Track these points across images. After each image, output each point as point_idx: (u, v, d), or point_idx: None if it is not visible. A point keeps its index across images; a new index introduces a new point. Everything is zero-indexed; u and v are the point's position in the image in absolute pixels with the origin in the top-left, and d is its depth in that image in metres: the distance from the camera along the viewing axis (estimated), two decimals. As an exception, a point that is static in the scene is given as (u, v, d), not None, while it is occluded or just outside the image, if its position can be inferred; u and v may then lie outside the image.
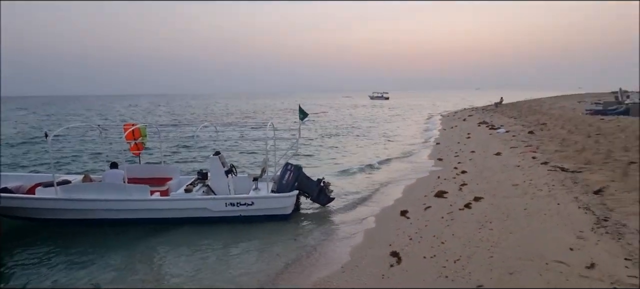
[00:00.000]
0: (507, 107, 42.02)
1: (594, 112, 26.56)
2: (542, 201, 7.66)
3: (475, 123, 26.53)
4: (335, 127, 29.96)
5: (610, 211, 6.72)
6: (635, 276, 4.32)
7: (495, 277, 4.68)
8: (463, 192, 8.94)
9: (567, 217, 6.60)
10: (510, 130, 20.59)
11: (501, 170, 11.01)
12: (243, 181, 9.55)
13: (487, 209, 7.49)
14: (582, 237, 5.63)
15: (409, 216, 7.68)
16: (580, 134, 16.72)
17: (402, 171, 12.94)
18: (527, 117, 27.70)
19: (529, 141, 16.31)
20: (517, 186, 9.02)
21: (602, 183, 8.57)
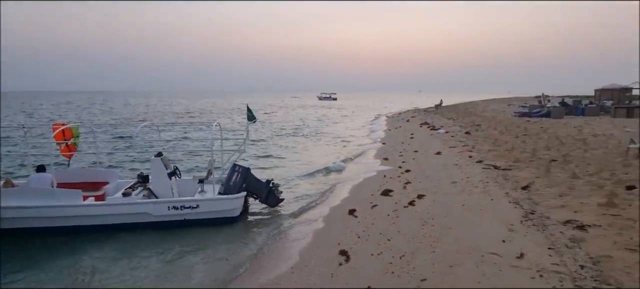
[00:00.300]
0: (446, 109, 44.54)
1: (521, 115, 29.02)
2: (477, 197, 8.21)
3: (417, 124, 27.82)
4: (285, 128, 29.86)
5: (536, 205, 7.38)
6: (557, 263, 4.77)
7: (437, 271, 4.93)
8: (407, 191, 9.32)
9: (500, 211, 7.14)
10: (449, 131, 21.85)
11: (441, 169, 11.63)
12: (188, 183, 9.18)
13: (430, 206, 7.88)
14: (513, 229, 6.11)
15: (356, 215, 7.85)
16: (509, 135, 18.18)
17: (350, 171, 13.21)
18: (464, 119, 29.58)
19: (466, 141, 17.42)
20: (455, 184, 9.59)
21: (529, 180, 9.38)
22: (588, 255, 4.97)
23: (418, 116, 36.39)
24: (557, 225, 6.17)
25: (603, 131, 17.30)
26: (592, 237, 5.57)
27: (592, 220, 6.24)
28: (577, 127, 19.14)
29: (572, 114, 27.49)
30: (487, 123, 24.59)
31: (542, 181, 9.21)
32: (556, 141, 15.13)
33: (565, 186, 8.53)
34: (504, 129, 20.73)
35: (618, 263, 4.66)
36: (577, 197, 7.65)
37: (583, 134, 16.66)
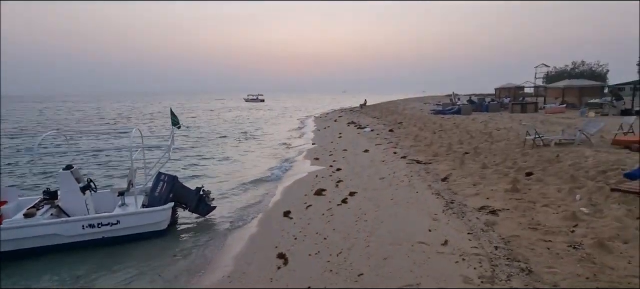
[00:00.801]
0: (370, 108, 46.64)
1: (436, 112, 31.48)
2: (404, 191, 8.77)
3: (345, 123, 28.74)
4: (213, 132, 28.79)
5: (455, 195, 8.10)
6: (476, 247, 5.30)
7: (372, 264, 5.17)
8: (339, 189, 9.61)
9: (424, 203, 7.71)
10: (375, 129, 22.94)
11: (370, 165, 12.18)
12: (105, 197, 8.41)
13: (361, 202, 8.22)
14: (437, 219, 6.65)
15: (292, 217, 7.89)
16: (428, 131, 19.65)
17: (283, 173, 13.20)
18: (387, 117, 31.25)
19: (390, 138, 18.44)
20: (383, 179, 10.11)
21: (447, 172, 10.25)
22: (500, 236, 5.59)
23: (345, 116, 37.59)
24: (473, 211, 6.84)
25: (504, 125, 19.50)
26: (502, 220, 6.28)
27: (501, 205, 7.03)
28: (483, 122, 21.31)
29: (479, 111, 30.53)
30: (408, 121, 26.26)
31: (458, 172, 10.12)
32: (467, 135, 16.70)
33: (478, 176, 9.48)
34: (422, 126, 22.32)
35: (524, 241, 5.32)
36: (488, 185, 8.56)
37: (488, 128, 18.60)
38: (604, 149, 11.02)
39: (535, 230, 5.70)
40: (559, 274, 4.34)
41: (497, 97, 44.02)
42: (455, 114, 28.46)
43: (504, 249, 5.14)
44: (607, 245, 4.88)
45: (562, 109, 27.75)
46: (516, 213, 6.53)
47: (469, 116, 26.93)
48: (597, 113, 22.97)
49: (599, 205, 6.50)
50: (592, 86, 33.02)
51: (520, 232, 5.68)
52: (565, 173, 8.75)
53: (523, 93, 45.81)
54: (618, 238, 5.13)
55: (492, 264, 4.74)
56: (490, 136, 15.82)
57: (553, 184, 8.04)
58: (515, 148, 12.58)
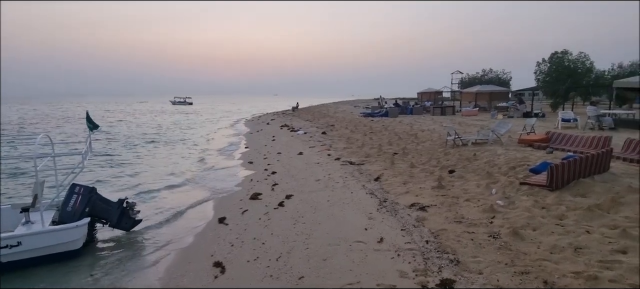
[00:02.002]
0: (303, 111, 46.99)
1: (366, 115, 32.73)
2: (339, 192, 8.96)
3: (278, 126, 28.60)
4: (136, 137, 26.78)
5: (387, 194, 8.47)
6: (409, 242, 5.59)
7: (312, 266, 5.19)
8: (275, 192, 9.52)
9: (359, 202, 7.95)
10: (308, 131, 23.16)
11: (305, 168, 12.26)
12: (5, 214, 7.32)
13: (298, 205, 8.22)
14: (372, 217, 6.89)
15: (227, 223, 7.63)
16: (359, 133, 20.33)
17: (216, 178, 12.72)
18: (319, 120, 31.74)
19: (324, 140, 18.75)
20: (319, 181, 10.24)
21: (379, 172, 10.69)
22: (430, 231, 5.97)
23: (277, 119, 37.42)
24: (405, 209, 7.21)
25: (427, 127, 20.91)
26: (430, 215, 6.71)
27: (429, 201, 7.51)
28: (409, 124, 22.63)
29: (404, 114, 32.36)
30: (340, 123, 26.93)
31: (389, 172, 10.61)
32: (396, 137, 17.61)
33: (407, 175, 10.03)
34: (354, 128, 23.05)
35: (451, 234, 5.73)
36: (417, 183, 9.09)
37: (414, 130, 19.80)
38: (513, 148, 12.33)
39: (460, 223, 6.18)
40: (483, 262, 4.75)
41: (420, 101, 47.12)
42: (383, 117, 29.83)
43: (434, 243, 5.49)
44: (520, 233, 5.45)
45: (475, 112, 30.52)
46: (443, 208, 7.02)
47: (395, 118, 28.40)
48: (504, 115, 25.66)
49: (511, 198, 7.24)
50: (500, 91, 36.86)
51: (448, 225, 6.11)
52: (482, 170, 9.62)
53: (442, 97, 49.65)
54: (528, 226, 5.76)
55: (424, 257, 5.03)
56: (416, 137, 16.84)
57: (473, 180, 8.80)
58: (438, 148, 13.53)
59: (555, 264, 4.55)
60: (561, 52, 32.95)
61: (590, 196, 6.87)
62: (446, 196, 7.78)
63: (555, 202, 6.65)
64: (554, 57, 33.10)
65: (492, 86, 38.98)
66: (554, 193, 7.09)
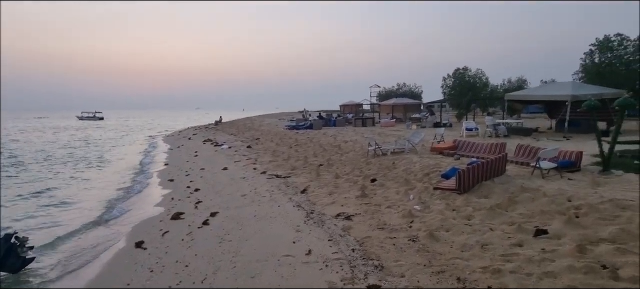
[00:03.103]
0: (226, 125, 45.82)
1: (291, 128, 32.96)
2: (266, 206, 8.87)
3: (200, 141, 27.45)
4: (36, 157, 23.58)
5: (314, 205, 8.60)
6: (336, 252, 5.73)
7: (240, 284, 5.04)
8: (199, 210, 9.09)
9: (287, 215, 7.95)
10: (232, 146, 22.61)
11: (230, 183, 11.92)
12: None
13: (224, 222, 7.95)
14: (299, 230, 6.93)
15: (146, 247, 7.06)
16: (284, 146, 20.41)
17: (131, 200, 11.73)
18: (244, 134, 31.20)
19: (249, 154, 18.45)
20: (245, 196, 10.03)
21: (306, 184, 10.82)
22: (355, 239, 6.18)
23: (200, 133, 35.92)
24: (331, 219, 7.38)
25: (350, 138, 21.73)
26: (356, 224, 6.96)
27: (354, 210, 7.79)
28: (332, 136, 23.30)
29: (328, 126, 33.26)
30: (265, 137, 26.76)
31: (315, 183, 10.80)
32: (320, 149, 18.00)
33: (332, 185, 10.30)
34: (279, 141, 23.06)
35: (375, 241, 6.00)
36: (341, 193, 9.38)
37: (338, 141, 20.45)
38: (426, 156, 13.37)
39: (383, 229, 6.50)
40: (404, 265, 5.05)
41: (343, 113, 48.86)
42: (308, 129, 30.31)
43: (360, 250, 5.70)
44: (435, 235, 5.91)
45: (393, 123, 32.54)
46: (367, 216, 7.33)
47: (320, 130, 29.05)
48: (418, 126, 27.76)
49: (426, 202, 7.84)
50: (413, 103, 39.87)
51: (371, 233, 6.39)
52: (400, 177, 10.26)
53: (363, 109, 52.03)
54: (442, 228, 6.28)
55: (351, 266, 5.19)
56: (340, 149, 17.40)
57: (392, 188, 9.34)
58: (360, 158, 14.13)
59: (466, 261, 5.01)
60: (462, 68, 36.91)
61: (491, 197, 7.71)
62: (369, 204, 8.14)
63: (464, 204, 7.35)
64: (456, 72, 36.89)
65: (406, 99, 42.03)
66: (462, 196, 7.83)
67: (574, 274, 4.36)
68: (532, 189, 7.81)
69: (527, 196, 7.41)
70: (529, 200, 7.22)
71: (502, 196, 7.61)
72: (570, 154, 10.00)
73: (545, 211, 6.58)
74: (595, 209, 6.36)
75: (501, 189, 8.03)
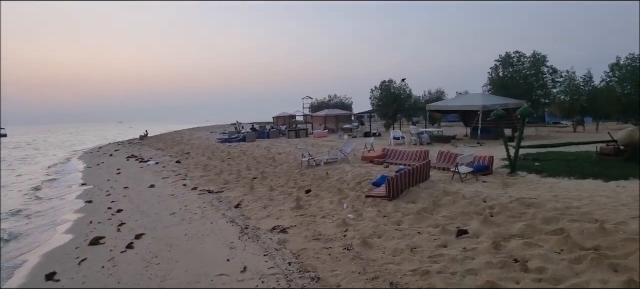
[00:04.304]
0: (153, 139, 43.15)
1: (223, 141, 32.08)
2: (198, 224, 8.48)
3: (123, 157, 25.47)
4: None
5: (248, 219, 8.41)
6: (272, 266, 5.65)
7: (170, 310, 4.73)
8: (122, 233, 8.39)
9: (220, 232, 7.67)
10: (160, 161, 21.33)
11: (157, 202, 11.20)
12: None
13: (151, 244, 7.43)
14: (233, 247, 6.72)
15: (58, 279, 6.32)
16: (217, 160, 19.76)
17: (40, 224, 10.44)
18: (172, 148, 29.62)
19: (178, 170, 17.55)
20: (174, 215, 9.49)
21: (239, 198, 10.56)
22: (291, 252, 6.16)
23: (123, 149, 33.34)
24: (266, 233, 7.28)
25: (284, 150, 21.73)
26: (291, 236, 6.94)
27: (289, 222, 7.77)
28: (266, 148, 23.11)
29: (261, 138, 32.94)
30: (196, 150, 25.68)
31: (249, 197, 10.59)
32: (254, 161, 17.73)
33: (267, 198, 10.18)
34: (211, 155, 22.27)
35: (310, 252, 6.03)
36: (276, 205, 9.31)
37: (271, 153, 20.32)
38: (358, 164, 13.83)
39: (318, 240, 6.57)
40: (340, 274, 5.14)
41: (276, 124, 48.73)
42: (241, 142, 29.71)
43: (296, 263, 5.68)
44: (368, 242, 6.12)
45: (325, 134, 33.21)
46: (302, 228, 7.35)
47: (253, 142, 28.65)
48: (349, 136, 28.66)
49: (359, 210, 8.09)
50: (344, 114, 41.10)
51: (307, 244, 6.42)
52: (334, 187, 10.48)
53: (296, 121, 52.41)
54: (374, 235, 6.51)
55: (288, 279, 5.15)
56: (273, 161, 17.29)
57: (327, 198, 9.49)
58: (295, 169, 14.18)
59: (397, 266, 5.25)
60: (388, 80, 39.10)
61: (418, 201, 8.20)
62: (304, 215, 8.18)
63: (393, 210, 7.72)
64: (382, 85, 38.97)
65: (337, 110, 43.20)
66: (392, 202, 8.22)
67: (492, 269, 4.78)
68: (452, 193, 8.46)
69: (449, 199, 8.00)
70: (450, 203, 7.80)
71: (428, 200, 8.13)
72: (483, 159, 11.03)
73: (465, 212, 7.16)
74: (505, 208, 7.07)
75: (426, 194, 8.58)
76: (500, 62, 30.19)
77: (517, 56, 29.59)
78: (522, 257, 5.05)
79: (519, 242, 5.53)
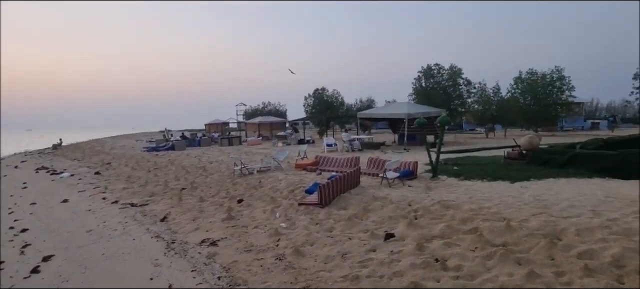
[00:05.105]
0: (68, 149, 39.16)
1: (150, 149, 30.16)
2: (119, 241, 7.84)
3: (32, 170, 22.70)
4: None
5: (175, 234, 7.98)
6: (201, 282, 5.41)
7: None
8: (27, 256, 7.45)
9: (143, 249, 7.17)
10: (76, 173, 19.40)
11: (71, 218, 10.16)
12: None
13: (62, 266, 6.70)
14: (158, 264, 6.32)
15: (-58, 315, 5.44)
16: (142, 170, 18.50)
17: None
18: (91, 158, 27.14)
19: (97, 182, 16.12)
20: (91, 232, 8.67)
21: (166, 211, 9.99)
22: (221, 266, 5.96)
23: (31, 160, 29.70)
24: (195, 247, 6.96)
25: (216, 158, 21.02)
26: (221, 249, 6.72)
27: (220, 234, 7.52)
28: (197, 157, 22.17)
29: (192, 146, 31.55)
30: (118, 161, 23.82)
31: (177, 209, 10.06)
32: (183, 171, 16.90)
33: (196, 210, 9.75)
34: (135, 165, 20.80)
35: (242, 264, 5.89)
36: (207, 217, 8.95)
37: (203, 162, 19.53)
38: (291, 172, 13.85)
39: (250, 252, 6.44)
40: (272, 285, 5.08)
41: (208, 132, 47.03)
42: (169, 151, 28.19)
43: (226, 277, 5.51)
44: (300, 250, 6.14)
45: (259, 141, 32.82)
46: (233, 240, 7.15)
47: (183, 151, 27.33)
48: (284, 143, 28.64)
49: (292, 219, 8.09)
50: (279, 122, 41.04)
51: (238, 256, 6.26)
52: (267, 196, 10.37)
53: (229, 128, 51.10)
54: (307, 243, 6.55)
55: (217, 294, 4.97)
56: (205, 170, 16.64)
57: (259, 207, 9.36)
58: (226, 179, 13.78)
59: (328, 273, 5.33)
60: (321, 88, 39.96)
61: (349, 207, 8.43)
62: (236, 227, 7.97)
63: (325, 217, 7.85)
64: (316, 93, 39.69)
65: (272, 117, 43.01)
66: (324, 209, 8.35)
67: (416, 270, 5.07)
68: (381, 198, 8.83)
69: (377, 204, 8.33)
70: (379, 208, 8.13)
71: (358, 206, 8.39)
72: (409, 164, 11.69)
73: (392, 216, 7.51)
74: (428, 210, 7.55)
75: (357, 200, 8.85)
76: (422, 73, 32.43)
77: (437, 68, 32.05)
78: (442, 256, 5.42)
79: (439, 242, 5.93)
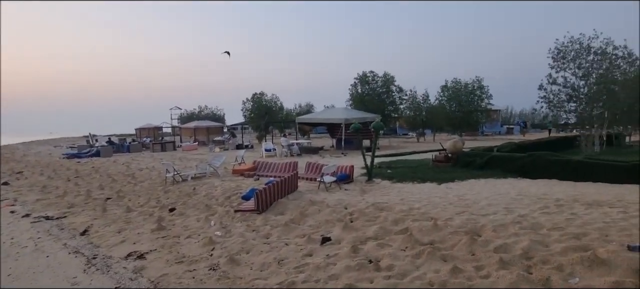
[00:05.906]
0: (-34, 156, 34.28)
1: (71, 156, 27.52)
2: (29, 259, 7.03)
3: None
4: None
5: (98, 248, 7.35)
6: (125, 298, 5.03)
7: None
8: None
9: (59, 267, 6.50)
10: (-25, 184, 17.03)
11: (-31, 237, 8.89)
12: None
13: (-45, 293, 5.83)
14: (76, 283, 5.77)
15: None
16: (60, 179, 16.83)
17: None
18: (-4, 167, 24.03)
19: (5, 194, 14.32)
20: (-5, 251, 7.67)
21: (87, 223, 9.17)
22: (149, 280, 5.59)
23: None
24: (120, 261, 6.46)
25: (146, 165, 19.78)
26: (150, 262, 6.31)
27: (148, 246, 7.06)
28: (125, 164, 20.69)
29: (120, 152, 29.39)
30: (32, 169, 21.41)
31: (101, 221, 9.29)
32: (109, 179, 15.67)
33: (122, 221, 9.08)
34: (52, 173, 18.85)
35: (172, 278, 5.58)
36: (134, 228, 8.37)
37: (131, 169, 18.27)
38: (228, 178, 13.48)
39: (182, 263, 6.12)
40: (203, 297, 4.87)
41: (138, 137, 44.12)
42: (93, 157, 25.97)
43: (155, 292, 5.18)
44: (236, 259, 5.97)
45: (195, 147, 31.54)
46: (164, 251, 6.76)
47: (110, 157, 25.35)
48: (221, 148, 27.82)
49: (228, 226, 7.86)
50: (216, 126, 39.77)
51: (169, 269, 5.92)
52: (201, 203, 9.97)
53: (162, 133, 48.43)
54: (243, 251, 6.40)
55: (143, 311, 4.65)
56: (133, 177, 15.58)
57: (193, 216, 8.97)
58: (158, 187, 13.03)
59: (264, 280, 5.24)
60: (259, 93, 39.54)
61: (286, 213, 8.40)
62: (167, 237, 7.55)
63: (262, 224, 7.74)
64: (254, 97, 39.19)
65: (208, 121, 41.55)
66: (261, 215, 8.23)
67: (350, 272, 5.18)
68: (318, 202, 8.93)
69: (314, 209, 8.41)
70: (316, 212, 8.21)
71: (295, 211, 8.40)
72: (345, 169, 11.98)
73: (329, 220, 7.62)
74: (363, 213, 7.78)
75: (294, 205, 8.86)
76: (358, 80, 33.52)
77: (371, 75, 33.33)
78: (376, 257, 5.61)
79: (373, 244, 6.13)
